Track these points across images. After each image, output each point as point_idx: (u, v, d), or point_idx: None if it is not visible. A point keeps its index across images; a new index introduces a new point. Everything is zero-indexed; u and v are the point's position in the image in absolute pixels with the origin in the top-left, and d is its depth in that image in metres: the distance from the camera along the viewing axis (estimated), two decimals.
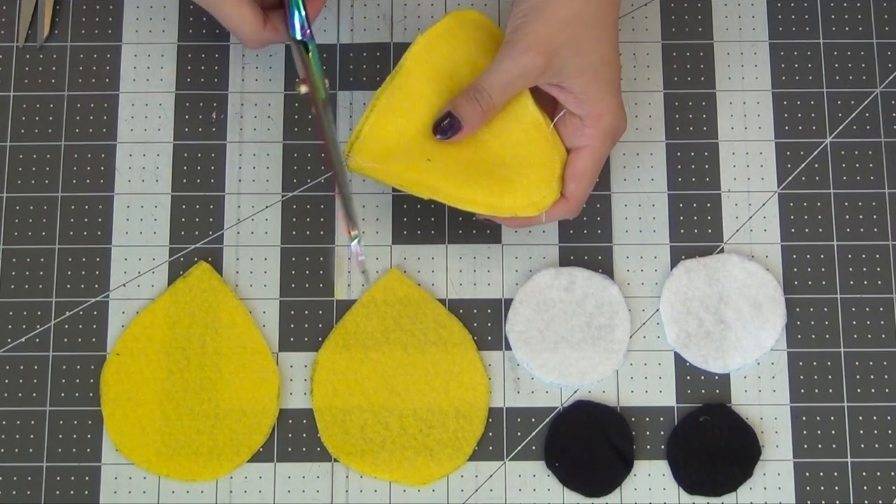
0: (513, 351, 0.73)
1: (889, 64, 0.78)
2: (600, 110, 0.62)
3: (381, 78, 0.77)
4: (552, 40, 0.61)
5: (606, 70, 0.63)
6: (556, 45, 0.62)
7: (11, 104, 0.77)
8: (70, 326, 0.74)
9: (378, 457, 0.72)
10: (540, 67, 0.62)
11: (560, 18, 0.62)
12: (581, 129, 0.63)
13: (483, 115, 0.63)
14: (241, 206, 0.75)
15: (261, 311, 0.74)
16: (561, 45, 0.62)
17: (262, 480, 0.72)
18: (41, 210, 0.75)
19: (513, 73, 0.62)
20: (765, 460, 0.72)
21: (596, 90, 0.63)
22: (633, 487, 0.72)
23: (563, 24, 0.62)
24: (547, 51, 0.61)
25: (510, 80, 0.62)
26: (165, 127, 0.77)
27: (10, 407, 0.72)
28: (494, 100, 0.62)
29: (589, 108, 0.62)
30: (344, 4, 0.79)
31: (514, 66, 0.62)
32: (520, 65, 0.62)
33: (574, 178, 0.64)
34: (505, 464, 0.72)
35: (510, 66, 0.62)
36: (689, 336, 0.73)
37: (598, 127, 0.63)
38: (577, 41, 0.62)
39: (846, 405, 0.73)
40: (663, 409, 0.73)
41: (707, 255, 0.75)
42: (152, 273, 0.74)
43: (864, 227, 0.75)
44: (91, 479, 0.72)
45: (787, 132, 0.77)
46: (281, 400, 0.73)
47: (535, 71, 0.62)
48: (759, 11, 0.79)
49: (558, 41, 0.61)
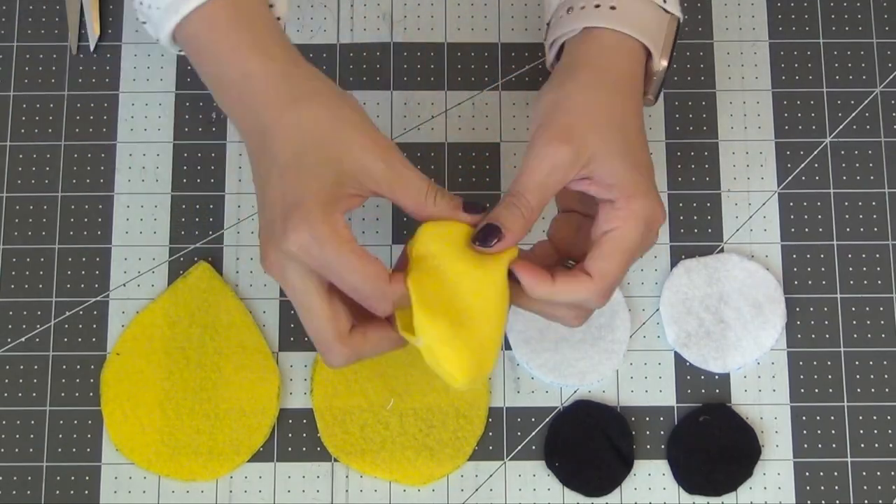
0: (513, 351, 0.73)
1: (889, 64, 0.78)
2: (631, 192, 0.59)
3: (381, 78, 0.77)
4: (577, 130, 0.59)
5: (635, 155, 0.60)
6: (581, 135, 0.59)
7: (11, 104, 0.77)
8: (70, 326, 0.74)
9: (378, 457, 0.72)
10: (569, 159, 0.58)
11: (582, 109, 0.59)
12: (611, 212, 0.59)
13: (525, 221, 0.58)
14: (241, 206, 0.75)
15: (261, 311, 0.74)
16: (586, 134, 0.59)
17: (262, 480, 0.72)
18: (41, 210, 0.75)
19: (544, 170, 0.58)
20: (765, 460, 0.72)
21: (626, 174, 0.59)
22: (633, 487, 0.72)
23: (586, 114, 0.59)
24: (574, 141, 0.58)
25: (543, 179, 0.58)
26: (165, 127, 0.77)
27: (10, 407, 0.72)
28: (532, 202, 0.58)
29: (619, 192, 0.59)
30: (344, 4, 0.79)
31: (544, 163, 0.58)
32: (549, 159, 0.58)
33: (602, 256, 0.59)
34: (505, 463, 0.72)
35: (540, 164, 0.58)
36: (689, 336, 0.73)
37: (628, 208, 0.58)
38: (602, 129, 0.59)
39: (846, 405, 0.73)
40: (663, 408, 0.73)
41: (707, 254, 0.75)
42: (152, 273, 0.74)
43: (863, 227, 0.75)
44: (91, 479, 0.72)
45: (787, 132, 0.77)
46: (281, 400, 0.73)
47: (565, 163, 0.58)
48: (759, 11, 0.79)
49: (583, 130, 0.59)
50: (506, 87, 0.77)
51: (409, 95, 0.77)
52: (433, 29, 0.78)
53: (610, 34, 0.62)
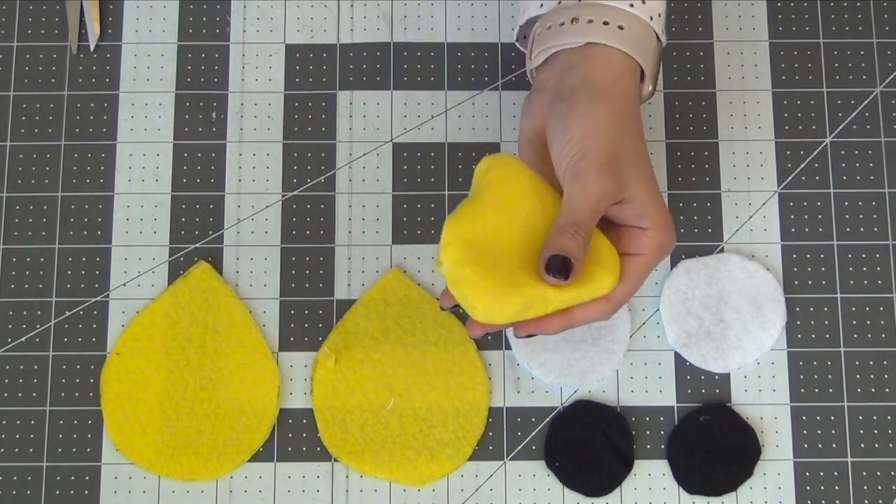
0: (513, 351, 0.73)
1: (889, 64, 0.78)
2: (661, 223, 0.62)
3: (381, 78, 0.77)
4: (617, 161, 0.61)
5: (654, 182, 0.63)
6: (621, 165, 0.61)
7: (11, 104, 0.77)
8: (70, 326, 0.74)
9: (378, 457, 0.72)
10: (614, 190, 0.60)
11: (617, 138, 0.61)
12: (640, 238, 0.62)
13: (586, 249, 0.60)
14: (241, 206, 0.75)
15: (261, 311, 0.74)
16: (625, 165, 0.61)
17: (262, 480, 0.72)
18: (41, 210, 0.75)
19: (596, 198, 0.60)
20: (765, 460, 0.72)
21: (655, 204, 0.62)
22: (633, 487, 0.72)
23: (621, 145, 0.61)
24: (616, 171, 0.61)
25: (595, 207, 0.60)
26: (165, 127, 0.77)
27: (10, 407, 0.72)
28: (590, 230, 0.60)
29: (650, 221, 0.61)
30: (344, 4, 0.79)
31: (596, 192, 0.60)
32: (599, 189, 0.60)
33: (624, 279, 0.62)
34: (505, 463, 0.72)
35: (593, 193, 0.60)
36: (689, 336, 0.73)
37: (657, 238, 0.61)
38: (634, 159, 0.62)
39: (846, 405, 0.73)
40: (663, 408, 0.73)
41: (707, 254, 0.75)
42: (152, 273, 0.74)
43: (864, 227, 0.75)
44: (91, 479, 0.72)
45: (787, 132, 0.77)
46: (281, 400, 0.73)
47: (611, 191, 0.60)
48: (759, 11, 0.79)
49: (621, 161, 0.61)
50: (506, 87, 0.77)
51: (409, 95, 0.77)
52: (433, 29, 0.78)
53: (616, 54, 0.63)
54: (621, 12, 0.63)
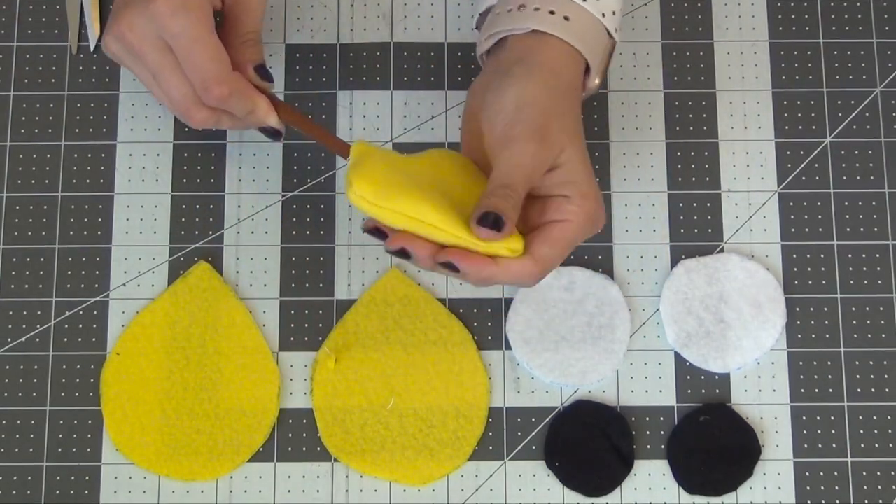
0: (513, 351, 0.73)
1: (889, 64, 0.78)
2: (586, 191, 0.62)
3: (381, 78, 0.77)
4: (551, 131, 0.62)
5: (586, 156, 0.64)
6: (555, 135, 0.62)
7: (11, 104, 0.77)
8: (70, 326, 0.74)
9: (378, 457, 0.72)
10: (547, 156, 0.62)
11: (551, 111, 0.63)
12: (565, 205, 0.62)
13: (517, 210, 0.61)
14: (241, 206, 0.75)
15: (261, 311, 0.74)
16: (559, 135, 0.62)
17: (262, 480, 0.72)
18: (41, 210, 0.75)
19: (528, 165, 0.61)
20: (765, 460, 0.72)
21: (585, 175, 0.63)
22: (633, 487, 0.72)
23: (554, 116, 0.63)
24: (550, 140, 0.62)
25: (529, 173, 0.61)
26: (165, 127, 0.77)
27: (10, 407, 0.72)
28: (520, 195, 0.61)
29: (576, 189, 0.62)
30: (344, 4, 0.79)
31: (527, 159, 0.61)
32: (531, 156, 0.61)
33: (548, 242, 0.62)
34: (505, 463, 0.72)
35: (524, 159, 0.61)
36: (689, 336, 0.73)
37: (582, 206, 0.62)
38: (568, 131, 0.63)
39: (846, 405, 0.73)
40: (663, 408, 0.73)
41: (707, 254, 0.75)
42: (152, 273, 0.74)
43: (864, 227, 0.75)
44: (91, 479, 0.72)
45: (787, 132, 0.77)
46: (281, 400, 0.73)
47: (544, 160, 0.62)
48: (759, 11, 0.79)
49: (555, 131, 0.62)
50: None
51: (409, 95, 0.77)
52: (433, 29, 0.78)
53: (559, 43, 0.64)
54: (570, 4, 0.65)
